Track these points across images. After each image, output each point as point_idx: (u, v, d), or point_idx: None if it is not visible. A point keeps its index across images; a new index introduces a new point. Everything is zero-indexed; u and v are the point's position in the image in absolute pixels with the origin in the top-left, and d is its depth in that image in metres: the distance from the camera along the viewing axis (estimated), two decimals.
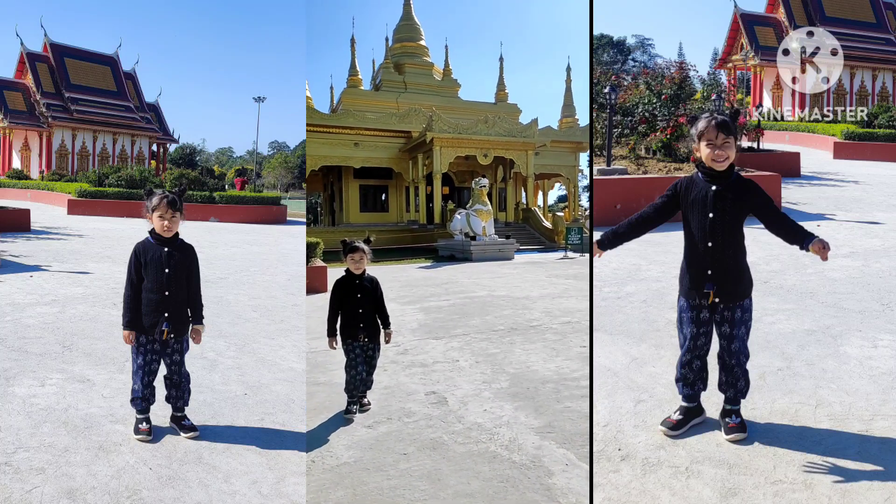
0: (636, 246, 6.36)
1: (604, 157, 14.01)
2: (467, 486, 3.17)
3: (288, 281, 10.38)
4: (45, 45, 36.49)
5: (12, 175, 33.06)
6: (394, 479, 3.25)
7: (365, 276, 4.43)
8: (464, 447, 3.61)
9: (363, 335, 4.34)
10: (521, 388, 4.64)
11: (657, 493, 2.97)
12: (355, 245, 4.41)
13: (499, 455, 3.50)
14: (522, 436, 3.75)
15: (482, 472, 3.30)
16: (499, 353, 5.66)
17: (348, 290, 4.39)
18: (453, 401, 4.38)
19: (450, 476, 3.27)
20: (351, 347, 4.36)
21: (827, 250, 3.27)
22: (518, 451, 3.55)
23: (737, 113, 4.09)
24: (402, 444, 3.66)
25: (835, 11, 31.86)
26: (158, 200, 3.88)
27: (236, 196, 27.05)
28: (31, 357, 5.37)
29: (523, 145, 27.23)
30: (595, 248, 3.58)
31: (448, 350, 5.80)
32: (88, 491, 3.20)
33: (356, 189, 28.48)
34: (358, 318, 4.34)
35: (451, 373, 5.06)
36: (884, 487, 2.93)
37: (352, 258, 4.39)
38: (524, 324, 7.04)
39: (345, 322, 4.36)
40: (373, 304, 4.39)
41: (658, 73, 18.66)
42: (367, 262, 4.41)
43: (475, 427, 3.90)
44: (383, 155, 27.42)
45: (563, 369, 5.12)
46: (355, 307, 4.34)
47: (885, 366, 4.36)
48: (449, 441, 3.69)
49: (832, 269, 7.20)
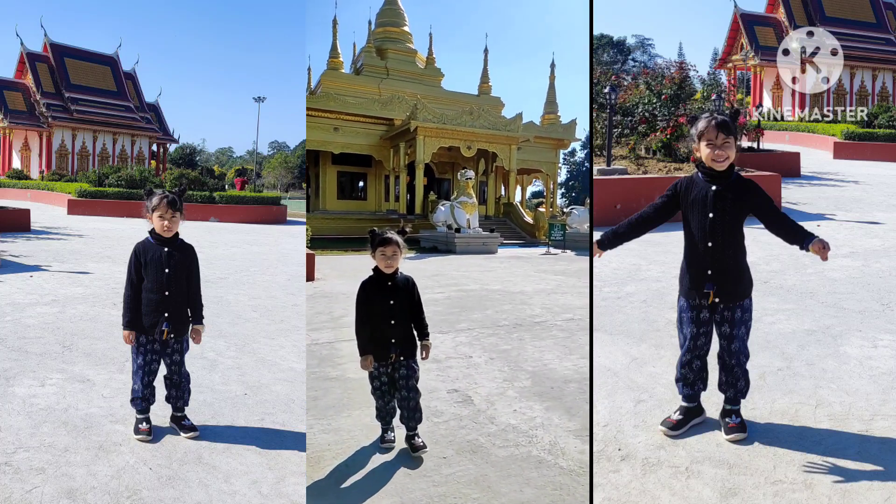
0: (636, 246, 6.36)
1: (604, 157, 14.01)
2: (520, 494, 3.05)
3: (288, 281, 10.38)
4: (45, 45, 36.53)
5: (12, 175, 33.09)
6: (441, 486, 3.12)
7: (399, 276, 3.57)
8: (504, 450, 3.49)
9: (396, 353, 3.50)
10: (545, 388, 4.54)
11: (657, 493, 2.97)
12: (387, 237, 3.52)
13: (544, 460, 3.39)
14: (562, 439, 3.64)
15: (532, 479, 3.18)
16: (511, 350, 5.62)
17: (378, 294, 3.52)
18: (479, 400, 4.28)
19: (499, 483, 3.15)
20: (377, 373, 3.54)
21: (827, 250, 3.27)
22: (562, 455, 3.44)
23: (737, 113, 4.09)
24: (438, 447, 3.52)
25: (835, 11, 31.87)
26: (158, 200, 3.88)
27: (236, 196, 27.07)
28: (31, 357, 5.37)
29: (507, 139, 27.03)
30: (595, 247, 3.58)
31: (458, 345, 5.75)
32: (88, 491, 3.20)
33: (334, 175, 27.93)
34: (390, 331, 3.49)
35: (467, 369, 4.99)
36: (884, 487, 2.93)
37: (382, 253, 3.50)
38: (528, 320, 7.02)
39: (372, 338, 3.51)
40: (408, 312, 3.54)
41: (658, 73, 18.66)
42: (401, 259, 3.55)
43: (510, 429, 3.79)
44: (363, 141, 27.02)
45: (581, 368, 5.03)
46: (387, 317, 3.49)
47: (885, 366, 4.36)
48: (487, 444, 3.57)
49: (832, 269, 7.20)
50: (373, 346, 3.49)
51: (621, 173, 12.87)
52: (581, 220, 22.79)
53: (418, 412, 3.54)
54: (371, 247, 3.54)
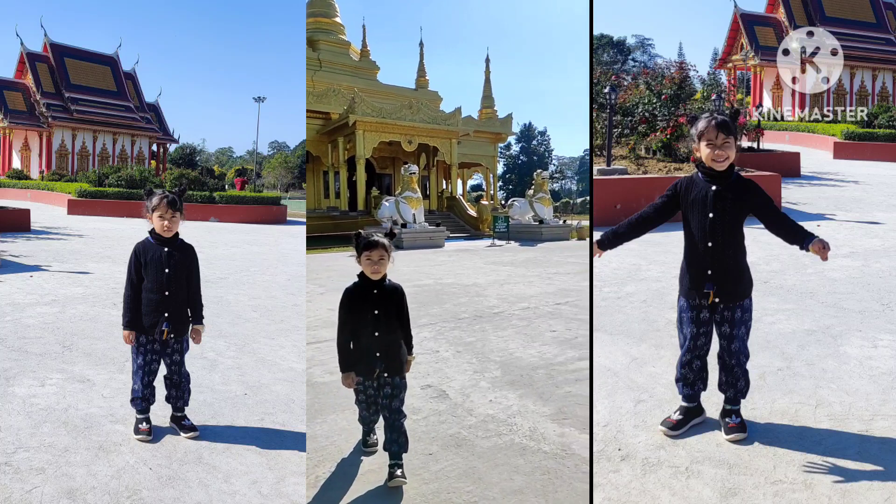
0: (636, 246, 6.36)
1: (604, 157, 14.02)
2: (511, 483, 3.11)
3: (288, 281, 10.37)
4: (45, 45, 36.51)
5: (12, 175, 33.08)
6: (431, 483, 3.14)
7: (387, 284, 3.28)
8: (488, 441, 3.57)
9: (381, 369, 3.22)
10: (515, 376, 4.67)
11: (657, 493, 2.97)
12: (374, 240, 3.22)
13: (528, 447, 3.47)
14: (541, 425, 3.75)
15: (520, 467, 3.25)
16: (476, 342, 5.72)
17: (363, 304, 3.23)
18: (454, 393, 4.35)
19: (489, 473, 3.20)
20: (363, 387, 3.29)
21: (827, 250, 3.27)
22: (544, 441, 3.54)
23: (737, 113, 4.10)
24: (422, 444, 3.54)
25: (835, 11, 31.87)
26: (158, 200, 3.88)
27: (236, 196, 27.05)
28: (31, 357, 5.37)
29: (447, 133, 26.87)
30: (595, 247, 3.58)
31: (423, 340, 5.77)
32: (88, 491, 3.20)
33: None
34: (375, 344, 3.20)
35: (437, 364, 5.04)
36: (884, 487, 2.93)
37: (368, 258, 3.21)
38: (486, 311, 7.14)
39: (355, 351, 3.25)
40: (395, 323, 3.26)
41: (658, 73, 18.67)
42: (388, 264, 3.26)
43: (489, 419, 3.87)
44: None
45: (545, 355, 5.23)
46: (371, 328, 3.20)
47: (885, 366, 4.36)
48: (470, 436, 3.64)
49: (832, 269, 7.20)
50: (355, 360, 3.23)
51: (621, 173, 12.88)
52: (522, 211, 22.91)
53: (402, 436, 3.19)
54: (356, 251, 3.26)
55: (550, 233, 21.89)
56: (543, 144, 65.12)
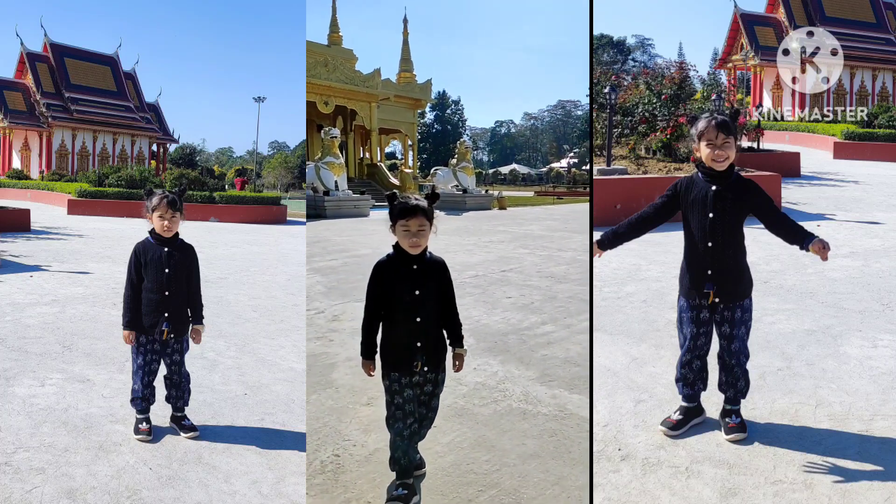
0: (636, 246, 6.35)
1: (604, 157, 14.02)
2: (525, 447, 3.18)
3: (288, 281, 10.37)
4: (45, 45, 36.49)
5: (12, 175, 33.06)
6: (447, 456, 3.16)
7: (427, 258, 2.72)
8: (486, 408, 3.63)
9: (421, 362, 2.67)
10: (489, 343, 4.77)
11: (657, 493, 2.97)
12: (413, 205, 2.64)
13: (527, 411, 3.55)
14: (532, 389, 3.83)
15: (527, 431, 3.32)
16: None
17: (399, 282, 2.68)
18: None
19: (500, 440, 3.28)
20: (398, 386, 2.68)
21: (827, 250, 3.27)
22: (540, 403, 3.62)
23: (737, 113, 4.10)
24: None
25: (835, 11, 31.86)
26: (158, 200, 3.88)
27: (236, 196, 27.02)
28: (31, 357, 5.37)
29: (367, 96, 25.64)
30: (595, 247, 3.58)
31: None
32: (88, 491, 3.20)
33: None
34: (414, 331, 2.67)
35: None
36: (884, 487, 2.93)
37: (405, 228, 2.63)
38: None
39: (390, 340, 2.70)
40: (438, 307, 2.74)
41: (658, 73, 18.65)
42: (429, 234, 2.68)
43: (480, 387, 3.94)
44: None
45: (511, 320, 5.39)
46: (411, 313, 2.66)
47: (885, 366, 4.37)
48: (468, 405, 3.69)
49: (832, 269, 7.20)
50: (391, 352, 2.70)
51: (621, 173, 12.88)
52: (446, 180, 22.59)
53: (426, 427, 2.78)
54: (391, 218, 2.68)
55: (474, 202, 21.60)
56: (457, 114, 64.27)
